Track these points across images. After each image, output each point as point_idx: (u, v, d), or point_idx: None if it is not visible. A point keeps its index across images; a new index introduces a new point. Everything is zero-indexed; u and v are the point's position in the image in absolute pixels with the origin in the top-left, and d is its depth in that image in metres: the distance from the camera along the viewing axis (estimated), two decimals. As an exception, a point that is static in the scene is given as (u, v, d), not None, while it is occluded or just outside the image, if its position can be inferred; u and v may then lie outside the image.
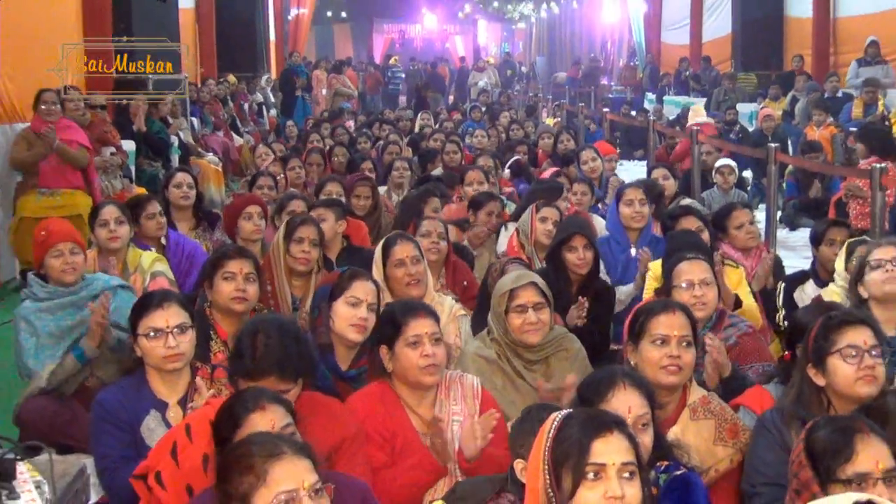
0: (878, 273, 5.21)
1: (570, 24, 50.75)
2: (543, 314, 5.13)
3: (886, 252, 5.24)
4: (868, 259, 5.27)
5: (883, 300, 5.22)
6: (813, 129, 15.39)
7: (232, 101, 19.99)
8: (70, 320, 6.00)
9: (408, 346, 4.44)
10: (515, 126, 17.29)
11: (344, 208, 7.83)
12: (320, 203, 7.66)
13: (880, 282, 5.20)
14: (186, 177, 8.45)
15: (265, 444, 3.10)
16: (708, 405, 4.44)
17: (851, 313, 4.30)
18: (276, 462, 3.03)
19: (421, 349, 4.43)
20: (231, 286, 5.47)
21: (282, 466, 3.02)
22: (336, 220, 7.38)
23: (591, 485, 3.03)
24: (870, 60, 16.58)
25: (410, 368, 4.44)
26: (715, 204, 10.20)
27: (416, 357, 4.43)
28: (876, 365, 4.06)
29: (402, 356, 4.45)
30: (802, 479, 3.25)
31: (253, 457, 3.05)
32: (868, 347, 4.07)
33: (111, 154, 11.58)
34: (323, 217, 7.23)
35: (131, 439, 4.48)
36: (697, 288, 5.35)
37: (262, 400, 3.61)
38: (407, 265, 5.84)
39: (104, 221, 6.79)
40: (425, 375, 4.45)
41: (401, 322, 4.49)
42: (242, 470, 3.05)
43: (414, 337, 4.44)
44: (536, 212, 7.37)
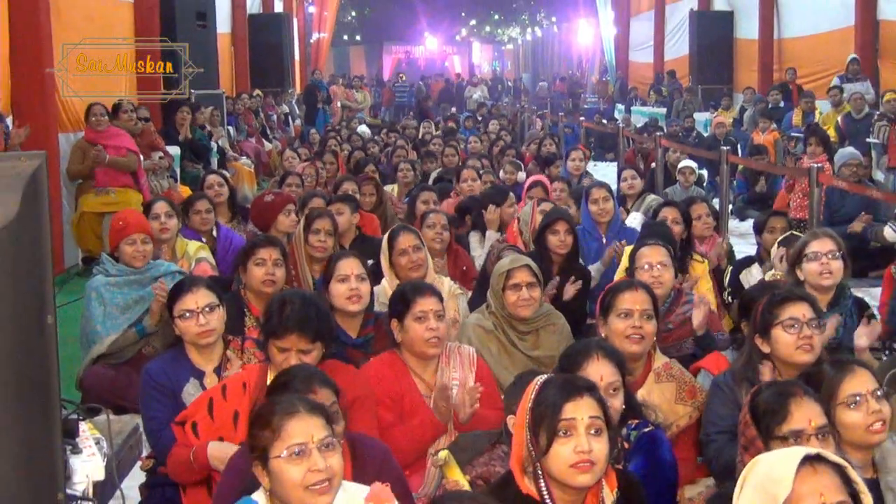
0: (814, 264, 5.18)
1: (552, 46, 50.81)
2: (535, 292, 5.16)
3: (823, 245, 5.21)
4: (806, 250, 5.25)
5: (816, 287, 5.21)
6: (759, 134, 15.44)
7: (262, 112, 20.00)
8: (134, 295, 6.06)
9: (415, 321, 4.45)
10: (504, 133, 17.35)
11: (357, 203, 7.88)
12: (337, 198, 7.74)
13: (816, 273, 5.18)
14: (217, 178, 8.59)
15: (283, 403, 3.09)
16: (670, 370, 4.48)
17: (793, 290, 4.31)
18: (291, 418, 3.01)
19: (426, 323, 4.44)
20: (262, 271, 5.50)
21: (295, 422, 3.01)
22: (351, 213, 7.47)
23: (563, 440, 3.05)
24: (851, 77, 15.72)
25: (417, 340, 4.45)
26: (677, 199, 10.19)
27: (422, 330, 4.43)
28: (813, 335, 4.07)
29: (410, 329, 4.46)
30: (748, 436, 3.26)
31: (272, 414, 3.05)
32: (806, 320, 4.08)
33: (159, 158, 11.58)
34: (340, 210, 7.37)
35: (174, 404, 4.48)
36: (656, 269, 5.37)
37: (314, 384, 3.56)
38: (409, 253, 5.85)
39: (156, 215, 6.84)
40: (429, 347, 4.46)
41: (410, 299, 4.50)
42: (262, 425, 3.05)
43: (420, 312, 4.45)
44: (537, 205, 7.38)
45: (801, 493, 2.53)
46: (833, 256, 5.17)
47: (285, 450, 2.98)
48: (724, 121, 17.76)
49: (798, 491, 2.53)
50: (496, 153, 13.50)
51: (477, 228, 8.08)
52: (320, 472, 2.96)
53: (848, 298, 5.30)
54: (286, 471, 2.97)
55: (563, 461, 3.04)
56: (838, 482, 2.58)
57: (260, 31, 22.65)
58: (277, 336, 4.14)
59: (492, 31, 57.13)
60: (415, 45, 56.28)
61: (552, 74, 45.05)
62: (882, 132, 13.27)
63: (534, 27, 52.83)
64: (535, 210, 7.34)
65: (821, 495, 2.54)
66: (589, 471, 3.04)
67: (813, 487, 2.54)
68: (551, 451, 3.06)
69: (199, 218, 7.49)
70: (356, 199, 8.09)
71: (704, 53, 24.05)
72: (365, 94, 29.69)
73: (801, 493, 2.53)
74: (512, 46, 58.16)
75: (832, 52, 19.23)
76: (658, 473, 3.71)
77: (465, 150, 14.27)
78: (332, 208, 7.36)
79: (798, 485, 2.54)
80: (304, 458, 2.98)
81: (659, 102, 25.01)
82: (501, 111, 25.92)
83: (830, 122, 15.29)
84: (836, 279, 5.20)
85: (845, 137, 14.47)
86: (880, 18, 17.75)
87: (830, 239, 5.27)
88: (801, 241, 5.35)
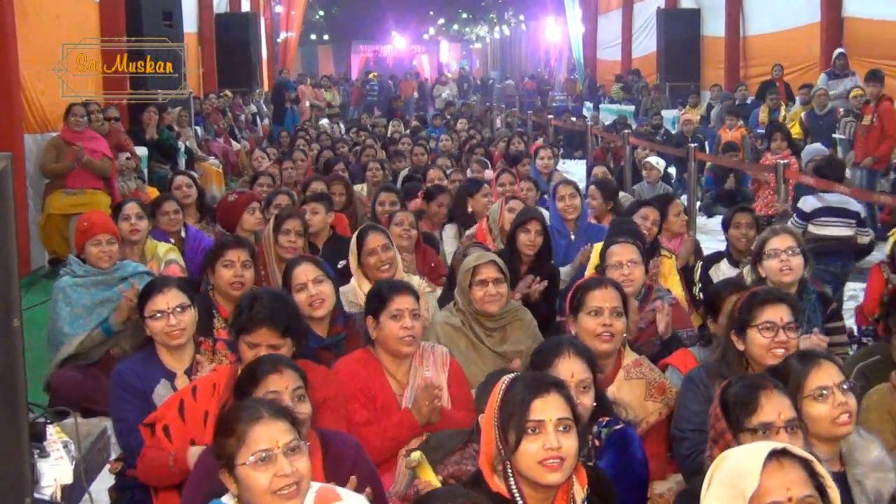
0: (774, 261, 5.21)
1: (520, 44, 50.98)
2: (501, 287, 5.16)
3: (782, 241, 5.24)
4: (766, 247, 5.28)
5: (778, 284, 5.24)
6: (726, 131, 15.51)
7: (230, 112, 19.93)
8: (101, 296, 6.05)
9: (391, 319, 4.44)
10: (473, 131, 17.36)
11: (332, 202, 7.88)
12: (312, 198, 7.69)
13: (776, 270, 5.20)
14: (184, 179, 8.57)
15: (248, 409, 3.08)
16: (639, 367, 4.51)
17: (772, 292, 4.29)
18: (255, 424, 3.00)
19: (402, 322, 4.43)
20: (230, 272, 5.47)
21: (259, 428, 3.00)
22: (326, 212, 7.45)
23: (531, 438, 3.04)
24: (838, 73, 15.33)
25: (392, 338, 4.44)
26: (644, 195, 10.24)
27: (398, 328, 4.43)
28: (789, 340, 4.08)
29: (385, 327, 4.45)
30: (718, 429, 3.27)
31: (236, 421, 3.03)
32: (783, 324, 4.09)
33: (126, 158, 11.51)
34: (316, 210, 7.40)
35: (145, 405, 4.46)
36: (625, 267, 5.39)
37: (280, 364, 3.63)
38: (378, 253, 5.84)
39: (126, 216, 6.83)
40: (404, 345, 4.46)
41: (386, 297, 4.49)
42: (227, 433, 3.03)
43: (396, 311, 4.44)
44: (506, 203, 7.39)
45: (768, 487, 2.55)
46: (793, 252, 5.20)
47: (251, 456, 2.96)
48: (692, 118, 17.89)
49: (765, 485, 2.55)
50: (466, 152, 13.52)
51: (452, 221, 8.10)
52: (287, 476, 2.95)
53: (812, 293, 5.33)
54: (253, 477, 2.96)
55: (532, 459, 3.03)
56: (805, 476, 2.60)
57: (227, 31, 22.59)
58: (248, 331, 4.15)
59: (460, 30, 57.22)
60: (383, 45, 56.24)
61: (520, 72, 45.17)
62: (848, 128, 13.37)
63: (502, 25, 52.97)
64: (504, 207, 7.35)
65: (787, 489, 2.56)
66: (558, 468, 3.03)
67: (780, 482, 2.56)
68: (520, 449, 3.05)
69: (167, 219, 7.46)
70: (331, 198, 8.08)
71: (672, 51, 24.21)
72: (334, 93, 29.63)
73: (769, 488, 2.55)
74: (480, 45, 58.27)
75: (798, 49, 19.38)
76: (629, 470, 3.71)
77: (434, 149, 14.29)
78: (308, 208, 7.39)
79: (765, 479, 2.55)
80: (271, 463, 2.96)
81: (627, 100, 25.11)
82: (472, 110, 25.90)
83: (796, 119, 15.40)
84: (796, 275, 5.23)
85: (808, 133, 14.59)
86: (845, 15, 17.89)
87: (790, 235, 5.31)
88: (761, 239, 5.39)
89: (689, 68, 24.00)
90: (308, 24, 44.09)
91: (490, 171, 11.14)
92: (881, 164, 11.90)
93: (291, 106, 24.48)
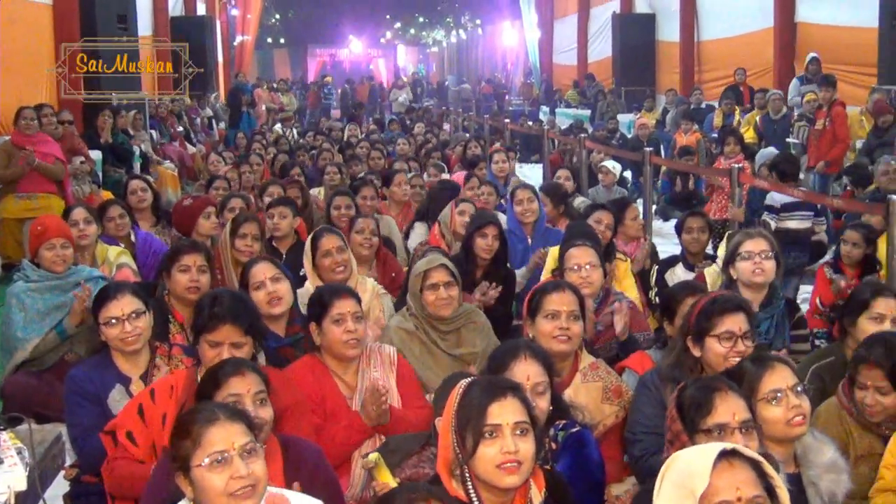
0: (747, 263, 5.23)
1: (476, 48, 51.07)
2: (453, 291, 5.16)
3: (756, 245, 5.26)
4: (740, 249, 5.30)
5: (749, 286, 5.29)
6: (681, 135, 15.61)
7: (186, 116, 19.82)
8: (55, 301, 5.97)
9: (333, 323, 4.44)
10: (430, 135, 17.38)
11: (297, 207, 7.85)
12: (279, 202, 7.62)
13: (749, 272, 5.23)
14: (139, 183, 8.50)
15: (203, 411, 3.07)
16: (596, 370, 4.52)
17: (731, 300, 4.30)
18: (211, 426, 2.99)
19: (344, 325, 4.43)
20: (186, 277, 5.43)
21: (215, 429, 2.98)
22: (293, 216, 7.42)
23: (488, 442, 3.05)
24: (811, 78, 14.99)
25: (335, 342, 4.45)
26: (600, 199, 10.30)
27: (340, 332, 4.43)
28: (746, 349, 4.09)
29: (329, 331, 4.45)
30: (674, 430, 3.29)
31: (192, 423, 3.02)
32: (742, 333, 4.10)
33: (80, 162, 11.40)
34: (284, 214, 7.35)
35: (100, 410, 4.43)
36: (584, 270, 5.41)
37: (243, 367, 3.61)
38: (333, 255, 5.84)
39: (74, 221, 6.74)
40: (348, 348, 4.46)
41: (327, 302, 4.49)
42: (182, 435, 3.02)
43: (338, 315, 4.44)
44: (455, 206, 7.39)
45: (718, 487, 2.58)
46: (766, 256, 5.23)
47: (206, 458, 2.95)
48: (647, 122, 18.01)
49: (715, 485, 2.58)
50: (423, 156, 13.53)
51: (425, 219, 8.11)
52: (243, 478, 2.93)
53: (780, 299, 5.37)
54: (208, 479, 2.94)
55: (489, 463, 3.04)
56: (754, 476, 2.63)
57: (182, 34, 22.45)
58: (210, 329, 4.13)
59: (416, 34, 57.24)
60: (339, 48, 56.16)
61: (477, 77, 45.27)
62: (802, 132, 13.52)
63: (458, 30, 53.06)
64: (454, 211, 7.36)
65: (737, 489, 2.59)
66: (516, 472, 3.04)
67: (729, 482, 2.59)
68: (478, 453, 3.05)
69: (114, 224, 7.40)
70: (296, 202, 8.05)
71: (627, 56, 24.37)
72: (290, 97, 29.53)
73: (718, 487, 2.58)
74: (437, 49, 58.31)
75: (752, 53, 19.56)
76: (585, 473, 3.72)
77: (391, 152, 14.29)
78: (275, 212, 7.35)
79: (715, 479, 2.58)
80: (226, 465, 2.95)
81: (583, 104, 25.24)
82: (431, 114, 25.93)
83: (751, 123, 15.55)
84: (768, 278, 5.27)
85: (763, 138, 14.74)
86: (798, 20, 18.10)
87: (764, 239, 5.33)
88: (736, 241, 5.40)
89: (645, 73, 24.18)
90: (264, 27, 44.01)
91: (447, 174, 11.14)
92: (834, 168, 12.04)
93: (248, 110, 24.38)
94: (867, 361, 4.09)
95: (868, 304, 4.70)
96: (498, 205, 9.23)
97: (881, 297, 4.72)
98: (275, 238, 7.29)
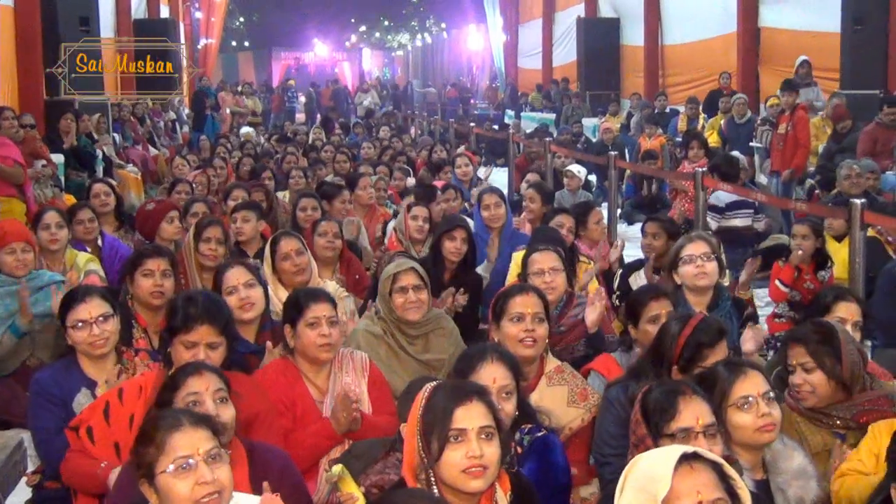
0: (690, 267, 5.28)
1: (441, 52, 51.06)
2: (422, 294, 5.17)
3: (697, 248, 5.31)
4: (682, 253, 5.35)
5: (693, 290, 5.32)
6: (646, 139, 15.70)
7: (149, 119, 19.71)
8: (16, 305, 5.92)
9: (308, 327, 4.44)
10: (395, 139, 17.38)
11: (262, 210, 7.84)
12: (243, 206, 7.60)
13: (692, 275, 5.28)
14: (103, 187, 8.47)
15: (168, 417, 3.06)
16: (562, 373, 4.55)
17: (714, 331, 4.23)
18: (175, 432, 2.98)
19: (319, 329, 4.43)
20: (150, 282, 5.41)
21: (179, 435, 2.97)
22: (257, 220, 7.39)
23: (454, 447, 3.06)
24: (799, 82, 14.34)
25: (309, 346, 4.44)
26: (565, 202, 10.34)
27: (315, 336, 4.43)
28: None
29: (303, 335, 4.45)
30: (639, 434, 3.31)
31: (156, 430, 3.01)
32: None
33: (42, 166, 11.31)
34: (247, 218, 7.33)
35: (65, 414, 4.40)
36: (548, 274, 5.44)
37: (201, 367, 3.62)
38: (292, 257, 5.88)
39: (46, 225, 6.73)
40: (322, 352, 4.46)
41: (303, 305, 4.49)
42: (146, 442, 3.01)
43: (313, 318, 4.44)
44: (408, 211, 7.38)
45: (679, 490, 2.60)
46: (707, 258, 5.28)
47: (171, 464, 2.94)
48: (612, 126, 18.08)
49: (676, 489, 2.59)
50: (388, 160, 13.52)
51: None
52: (208, 484, 2.93)
53: (726, 300, 5.42)
54: (173, 486, 2.93)
55: (454, 467, 3.05)
56: (715, 479, 2.65)
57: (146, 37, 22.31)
58: (186, 330, 4.12)
59: (382, 38, 57.18)
60: (304, 52, 56.03)
61: (443, 81, 45.28)
62: (765, 136, 13.62)
63: (423, 33, 53.04)
64: (407, 216, 7.34)
65: (698, 492, 2.61)
66: (481, 476, 3.05)
67: (690, 485, 2.61)
68: (443, 458, 3.06)
69: (83, 228, 7.35)
70: (261, 206, 8.03)
71: (592, 60, 24.43)
72: (255, 100, 29.44)
73: (679, 491, 2.60)
74: (402, 53, 58.28)
75: (715, 58, 19.69)
76: (551, 477, 3.75)
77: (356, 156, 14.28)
78: (238, 216, 7.32)
79: (676, 483, 2.60)
80: (191, 471, 2.94)
81: (548, 108, 25.30)
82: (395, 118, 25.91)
83: (715, 128, 15.65)
84: (711, 280, 5.31)
85: (727, 142, 14.84)
86: (761, 25, 18.25)
87: (705, 242, 5.40)
88: (677, 246, 5.47)
89: (609, 77, 24.27)
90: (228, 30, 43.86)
91: (412, 178, 11.13)
92: (797, 173, 12.14)
93: (212, 113, 24.27)
94: (789, 343, 4.12)
95: (830, 308, 4.74)
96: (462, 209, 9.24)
97: (842, 302, 4.76)
98: (241, 242, 7.26)
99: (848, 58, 14.27)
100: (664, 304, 4.73)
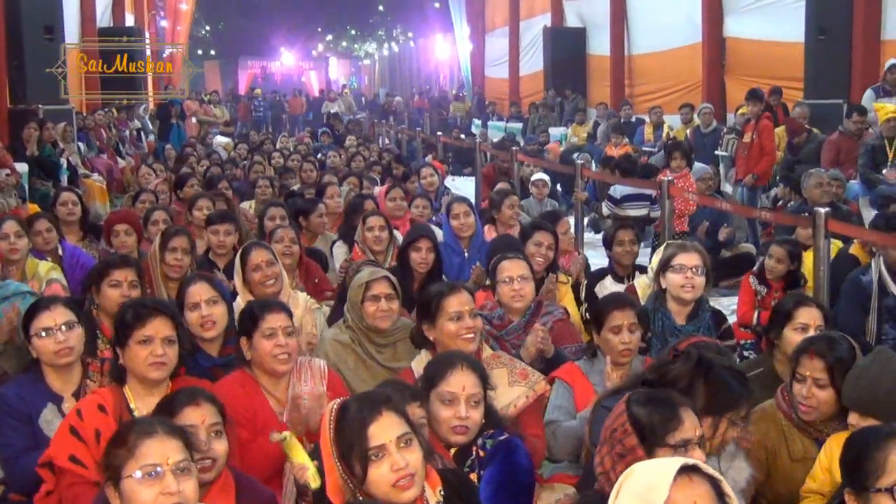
0: (679, 276, 5.30)
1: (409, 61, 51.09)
2: (394, 304, 5.20)
3: (690, 259, 5.32)
4: (673, 261, 5.35)
5: (677, 300, 5.35)
6: (612, 148, 15.75)
7: (114, 128, 19.60)
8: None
9: (264, 338, 4.43)
10: (362, 148, 17.38)
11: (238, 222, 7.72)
12: (221, 218, 7.45)
13: (679, 285, 5.30)
14: (71, 195, 8.41)
15: (142, 423, 3.06)
16: (499, 359, 4.70)
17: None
18: (147, 438, 2.97)
19: (275, 340, 4.42)
20: (117, 293, 5.39)
21: (151, 442, 2.97)
22: (234, 231, 7.33)
23: (377, 464, 3.05)
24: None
25: (266, 357, 4.43)
26: (532, 211, 10.37)
27: (271, 347, 4.42)
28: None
29: (259, 346, 4.44)
30: (627, 444, 3.14)
31: (129, 433, 3.00)
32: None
33: (6, 175, 11.25)
34: (228, 231, 7.26)
35: (30, 430, 4.36)
36: (516, 283, 5.44)
37: (198, 397, 3.57)
38: (263, 268, 5.84)
39: (5, 235, 6.66)
40: (279, 363, 4.44)
41: (258, 316, 4.48)
42: (118, 444, 3.00)
43: (269, 329, 4.43)
44: (364, 223, 7.31)
45: (677, 500, 2.60)
46: (697, 272, 5.30)
47: (138, 470, 2.93)
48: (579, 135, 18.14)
49: (674, 498, 2.59)
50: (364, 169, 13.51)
51: (342, 239, 8.07)
52: (172, 495, 2.91)
53: (706, 311, 5.44)
54: (138, 492, 2.92)
55: (383, 483, 3.04)
56: (712, 493, 2.65)
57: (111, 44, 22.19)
58: (140, 324, 4.08)
59: (349, 47, 57.12)
60: (271, 61, 55.89)
61: (410, 90, 45.28)
62: (730, 145, 13.72)
63: (390, 42, 53.05)
64: (363, 227, 7.25)
65: (694, 503, 2.61)
66: (412, 485, 3.05)
67: (688, 496, 2.61)
68: (369, 477, 3.05)
69: (41, 239, 7.26)
70: (237, 218, 7.95)
71: (558, 69, 24.50)
72: (222, 109, 29.31)
73: (677, 501, 2.60)
74: (369, 62, 58.26)
75: (681, 68, 19.82)
76: (514, 479, 3.77)
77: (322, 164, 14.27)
78: (220, 229, 7.22)
79: (674, 492, 2.60)
80: (157, 480, 2.93)
81: (514, 117, 25.36)
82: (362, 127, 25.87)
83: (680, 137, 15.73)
84: (696, 294, 5.33)
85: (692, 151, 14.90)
86: (726, 35, 18.37)
87: (698, 254, 5.39)
88: (670, 252, 5.45)
89: (576, 86, 24.33)
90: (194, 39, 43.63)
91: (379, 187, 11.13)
92: (762, 181, 12.23)
93: (177, 122, 24.15)
94: (808, 352, 4.13)
95: (791, 314, 4.78)
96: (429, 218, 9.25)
97: (803, 307, 4.81)
98: (216, 254, 7.22)
99: (812, 67, 14.39)
100: (627, 315, 4.73)
